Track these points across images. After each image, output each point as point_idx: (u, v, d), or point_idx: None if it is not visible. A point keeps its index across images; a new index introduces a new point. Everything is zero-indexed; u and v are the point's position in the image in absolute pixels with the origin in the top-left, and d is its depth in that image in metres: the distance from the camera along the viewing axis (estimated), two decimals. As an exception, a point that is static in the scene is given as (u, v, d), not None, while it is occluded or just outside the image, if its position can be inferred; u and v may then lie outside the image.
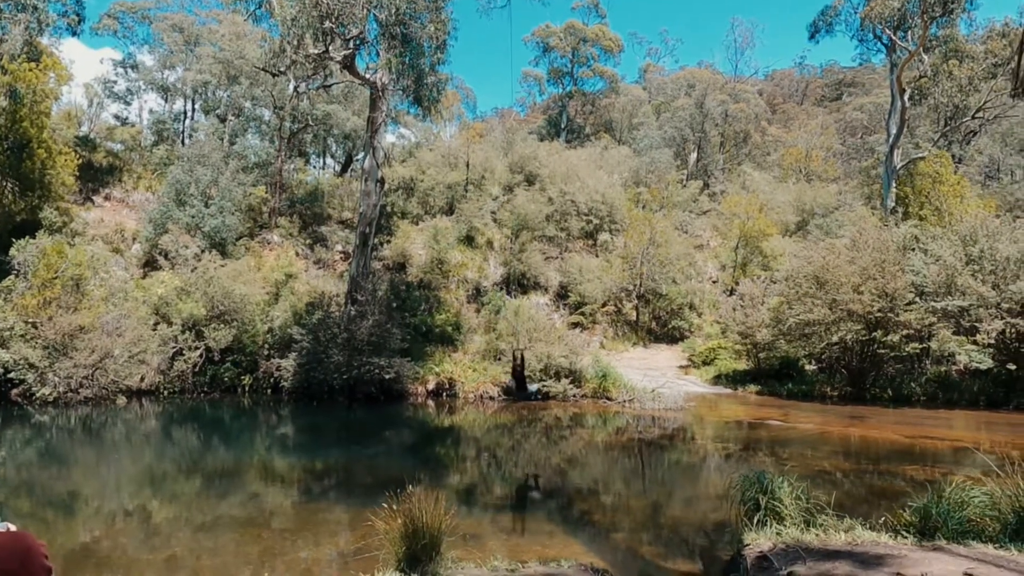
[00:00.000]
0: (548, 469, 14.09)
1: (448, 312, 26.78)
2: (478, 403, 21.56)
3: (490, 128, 49.56)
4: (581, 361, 22.65)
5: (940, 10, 28.51)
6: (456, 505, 9.66)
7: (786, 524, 7.40)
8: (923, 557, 5.86)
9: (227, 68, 32.41)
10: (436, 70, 20.68)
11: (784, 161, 46.70)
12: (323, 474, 13.21)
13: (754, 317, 25.03)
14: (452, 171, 35.95)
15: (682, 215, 38.70)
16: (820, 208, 37.37)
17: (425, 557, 6.04)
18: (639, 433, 18.03)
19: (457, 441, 17.21)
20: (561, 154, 39.30)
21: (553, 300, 31.74)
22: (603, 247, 34.84)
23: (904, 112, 32.73)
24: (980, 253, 21.33)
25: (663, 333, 31.75)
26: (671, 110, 50.19)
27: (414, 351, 22.87)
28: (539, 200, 34.22)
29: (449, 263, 30.13)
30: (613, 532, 9.52)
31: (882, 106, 46.26)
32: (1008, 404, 20.64)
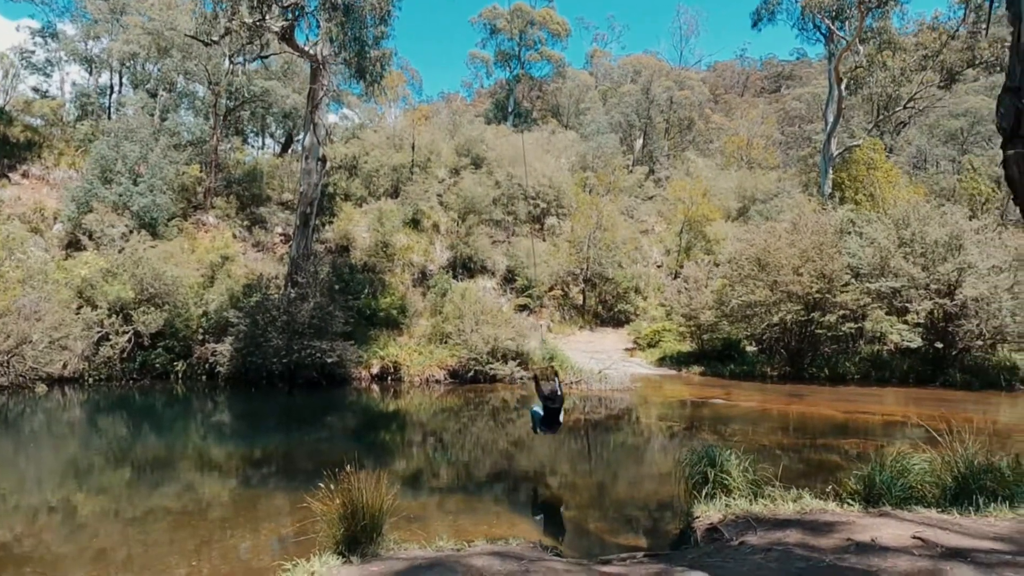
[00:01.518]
0: (495, 452, 13.87)
1: (393, 295, 26.19)
2: (424, 387, 21.16)
3: (436, 111, 48.76)
4: (528, 344, 22.51)
5: (876, 1, 29.38)
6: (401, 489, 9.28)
7: (734, 496, 7.38)
8: (871, 523, 5.88)
9: (157, 39, 30.65)
10: (380, 45, 19.99)
11: (726, 149, 47.61)
12: (262, 461, 12.63)
13: (698, 299, 25.42)
14: (397, 153, 35.15)
15: (628, 200, 38.98)
16: (761, 194, 38.26)
17: (365, 539, 5.70)
18: (586, 414, 18.00)
19: (402, 426, 16.79)
20: (508, 138, 38.94)
21: (500, 284, 31.49)
22: (550, 231, 34.76)
23: (841, 101, 33.71)
24: (912, 236, 22.14)
25: (609, 316, 31.96)
26: (617, 96, 50.42)
27: (358, 335, 22.26)
28: (486, 183, 33.83)
29: (394, 246, 29.48)
30: (562, 511, 9.37)
31: (819, 96, 47.66)
32: (935, 381, 21.61)
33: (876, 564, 4.77)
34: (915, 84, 34.56)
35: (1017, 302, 20.86)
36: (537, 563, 5.22)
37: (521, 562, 5.21)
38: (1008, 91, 2.83)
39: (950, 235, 21.62)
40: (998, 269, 21.29)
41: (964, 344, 21.80)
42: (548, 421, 9.97)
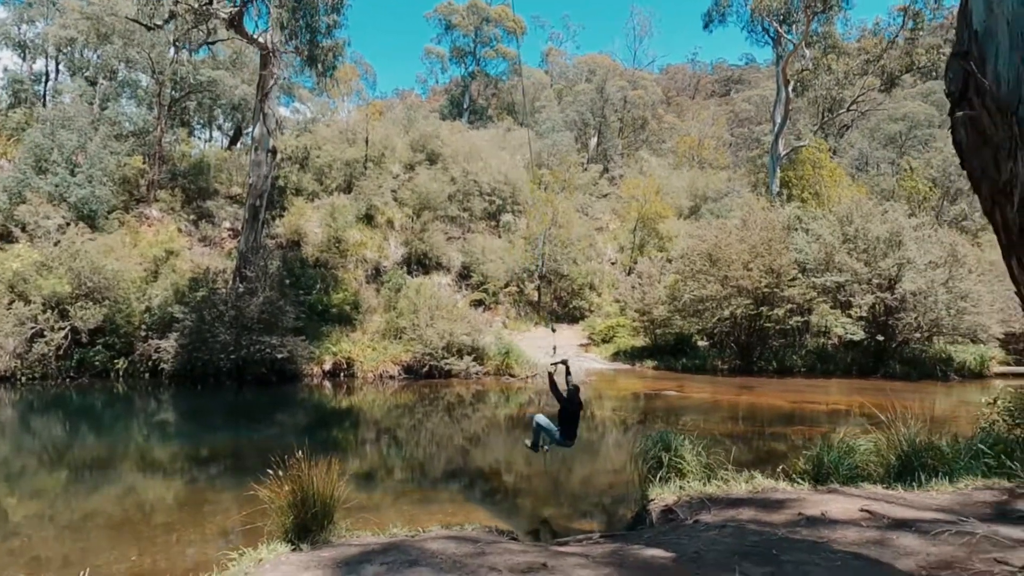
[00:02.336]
0: (451, 447, 13.73)
1: (346, 291, 25.73)
2: (378, 383, 20.84)
3: (391, 107, 48.19)
4: (484, 339, 22.41)
5: (821, 6, 30.37)
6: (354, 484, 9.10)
7: (689, 479, 7.46)
8: (821, 499, 6.00)
9: (96, 24, 29.36)
10: (332, 34, 19.59)
11: (679, 148, 48.45)
12: (209, 460, 12.20)
13: (651, 295, 25.76)
14: (350, 147, 34.56)
15: (583, 198, 39.26)
16: (712, 193, 39.05)
17: (316, 527, 5.52)
18: (542, 406, 17.99)
19: (356, 422, 16.48)
20: (464, 134, 38.78)
21: (455, 280, 31.30)
22: (506, 228, 34.72)
23: (788, 103, 34.68)
24: (855, 233, 22.90)
25: (564, 313, 32.09)
26: (572, 94, 50.77)
27: (309, 330, 21.76)
28: (441, 179, 33.57)
29: (347, 242, 28.96)
30: (518, 500, 9.33)
31: (767, 99, 48.93)
32: (877, 372, 22.42)
33: (826, 535, 4.85)
34: (857, 88, 35.86)
35: (951, 296, 21.79)
36: (493, 545, 5.14)
37: (477, 544, 5.12)
38: (956, 56, 2.87)
39: (891, 232, 22.44)
40: (934, 264, 22.21)
41: (903, 337, 22.66)
42: (567, 431, 8.31)
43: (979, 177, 2.82)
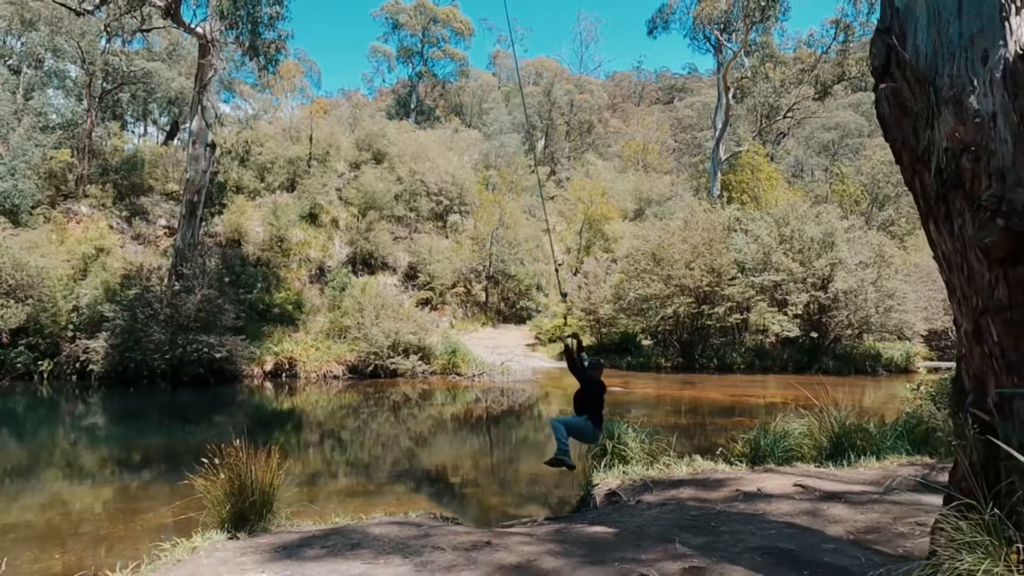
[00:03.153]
0: (397, 446, 13.55)
1: (289, 291, 25.14)
2: (321, 383, 20.43)
3: (336, 105, 47.43)
4: (430, 338, 22.25)
5: (759, 16, 31.48)
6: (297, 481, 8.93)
7: (632, 464, 7.61)
8: (757, 477, 6.19)
9: (20, 11, 27.89)
10: (275, 26, 19.13)
11: (624, 152, 49.32)
12: (142, 462, 11.68)
13: (597, 294, 26.12)
14: (294, 145, 33.84)
15: (530, 199, 39.48)
16: (656, 196, 39.88)
17: (254, 515, 5.35)
18: (489, 404, 18.01)
19: (299, 423, 16.08)
20: (411, 134, 38.47)
21: (402, 281, 31.00)
22: (453, 228, 34.60)
23: (728, 109, 35.77)
24: (791, 234, 23.76)
25: (512, 313, 32.18)
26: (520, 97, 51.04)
27: (250, 330, 21.16)
28: (388, 179, 33.21)
29: (290, 241, 28.33)
30: (465, 492, 9.29)
31: (709, 106, 50.30)
32: (812, 368, 23.30)
33: (762, 508, 5.01)
34: (793, 96, 37.31)
35: (879, 295, 22.86)
36: (437, 528, 5.09)
37: (421, 528, 5.07)
38: (880, 32, 3.00)
39: (824, 233, 23.39)
40: (864, 265, 23.26)
41: (836, 334, 23.63)
42: (595, 419, 7.06)
43: (900, 147, 2.96)
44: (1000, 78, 2.43)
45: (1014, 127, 2.40)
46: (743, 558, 3.82)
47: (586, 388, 7.21)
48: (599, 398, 7.21)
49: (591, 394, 7.19)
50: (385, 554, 4.29)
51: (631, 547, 4.17)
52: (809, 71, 34.58)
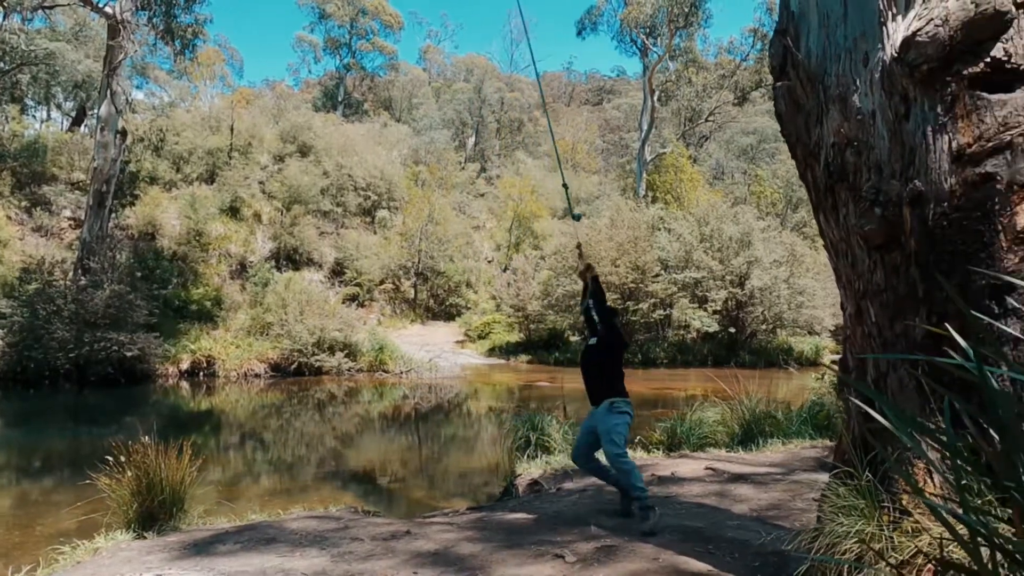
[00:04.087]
0: (322, 444, 13.28)
1: (207, 287, 24.16)
2: (241, 382, 19.75)
3: (259, 95, 45.86)
4: (357, 335, 21.89)
5: (683, 22, 32.53)
6: (216, 484, 8.68)
7: (555, 455, 7.76)
8: (672, 463, 6.44)
9: (-97, -19, 25.55)
10: (192, 8, 18.29)
11: (554, 152, 49.88)
12: (42, 467, 11.00)
13: (526, 291, 26.35)
14: (214, 136, 32.49)
15: (460, 196, 39.41)
16: (584, 195, 40.53)
17: (164, 514, 5.14)
18: (417, 401, 17.90)
19: (218, 423, 15.50)
20: (338, 127, 37.66)
21: (328, 277, 30.33)
22: (381, 224, 34.12)
23: (654, 111, 36.79)
24: (711, 233, 24.69)
25: (441, 310, 32.03)
26: (451, 93, 50.83)
27: (165, 328, 20.21)
28: (313, 172, 32.39)
29: (209, 235, 27.21)
30: (390, 487, 9.22)
31: (636, 108, 51.50)
32: (730, 361, 24.29)
33: (675, 491, 5.22)
34: (715, 101, 38.76)
35: (792, 291, 24.08)
36: (357, 521, 5.05)
37: (340, 521, 5.01)
38: (777, 34, 3.17)
39: (742, 232, 24.43)
40: (778, 263, 24.44)
41: (751, 329, 24.74)
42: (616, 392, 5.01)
43: (794, 142, 3.16)
44: (879, 79, 2.63)
45: (890, 124, 2.60)
46: (654, 537, 3.97)
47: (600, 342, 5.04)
48: (608, 356, 5.05)
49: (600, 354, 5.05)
50: (302, 547, 4.21)
51: (548, 531, 4.26)
52: (729, 77, 36.08)
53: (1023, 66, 2.38)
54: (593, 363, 5.21)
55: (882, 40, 2.64)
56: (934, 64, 2.45)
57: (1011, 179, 2.28)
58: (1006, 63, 2.38)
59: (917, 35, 2.47)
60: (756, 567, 3.35)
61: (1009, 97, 2.37)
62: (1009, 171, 2.29)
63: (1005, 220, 2.26)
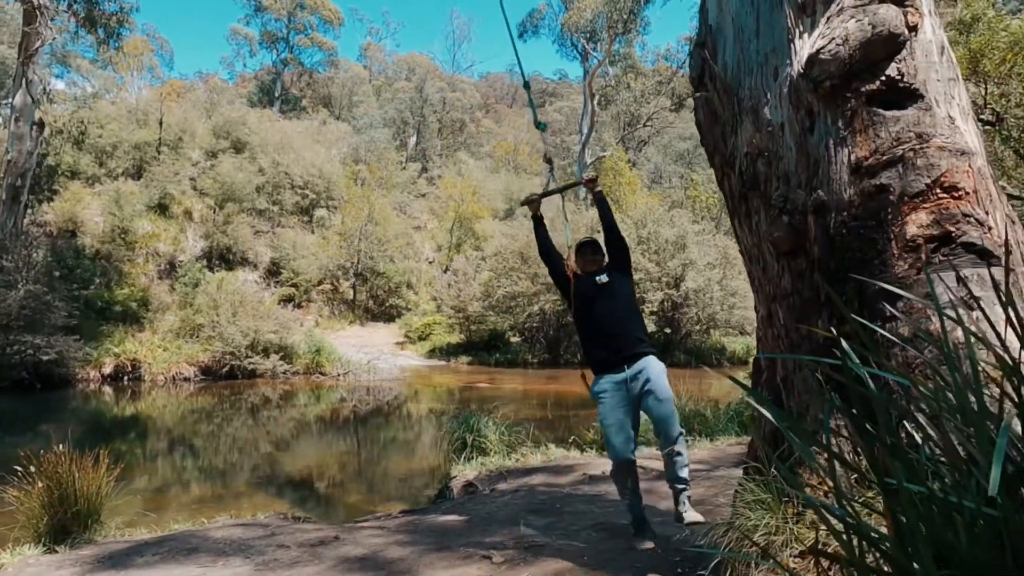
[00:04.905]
0: (256, 449, 12.92)
1: (133, 287, 23.14)
2: (169, 386, 19.02)
3: (191, 88, 44.20)
4: (293, 337, 21.39)
5: (622, 28, 33.19)
6: (140, 494, 8.36)
7: (491, 456, 7.80)
8: (603, 462, 6.53)
9: None
10: (117, -3, 17.45)
11: (496, 153, 50.03)
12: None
13: (466, 292, 26.31)
14: (141, 129, 31.15)
15: (401, 196, 39.04)
16: (523, 197, 40.81)
17: (78, 527, 4.90)
18: (355, 404, 17.63)
19: (143, 429, 14.86)
20: (275, 123, 36.69)
21: (264, 277, 29.52)
22: (319, 223, 33.44)
23: (593, 115, 37.36)
24: (648, 235, 25.24)
25: (380, 311, 31.63)
26: (392, 92, 50.27)
27: (86, 330, 19.26)
28: (248, 169, 31.45)
29: (136, 233, 26.07)
30: (324, 492, 9.06)
31: (577, 111, 52.24)
32: (666, 361, 24.64)
33: (604, 489, 5.32)
34: (653, 106, 39.68)
35: (724, 293, 24.87)
36: (285, 528, 4.94)
37: (267, 528, 4.89)
38: (697, 46, 3.29)
39: (677, 235, 25.07)
40: (712, 265, 25.19)
41: (687, 329, 25.42)
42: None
43: (712, 151, 3.28)
44: (787, 93, 2.76)
45: (796, 136, 2.74)
46: (581, 534, 4.05)
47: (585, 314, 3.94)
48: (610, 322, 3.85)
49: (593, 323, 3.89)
50: (225, 556, 4.10)
51: (479, 532, 4.28)
52: (667, 83, 37.04)
53: (914, 85, 2.54)
54: (619, 303, 3.90)
55: (790, 56, 2.78)
56: (836, 81, 2.59)
57: (902, 190, 2.43)
58: (899, 82, 2.54)
59: (820, 53, 2.61)
60: (677, 562, 3.46)
61: (902, 114, 2.53)
62: (901, 183, 2.44)
63: (897, 229, 2.41)
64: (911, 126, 2.49)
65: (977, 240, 2.33)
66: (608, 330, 3.98)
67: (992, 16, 9.69)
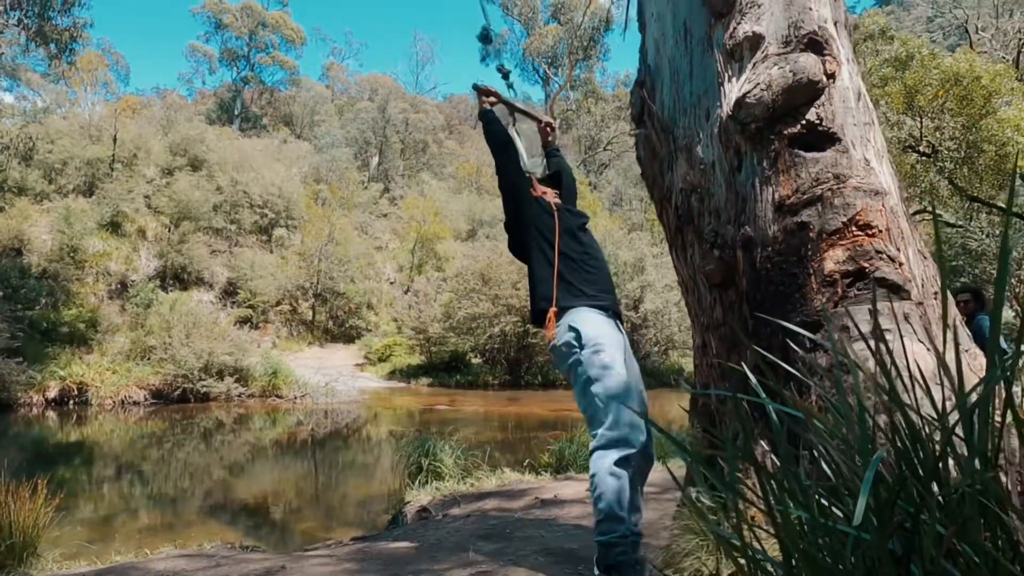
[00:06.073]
0: (208, 475, 12.60)
1: (82, 307, 22.45)
2: (118, 411, 18.43)
3: (148, 104, 43.43)
4: (249, 359, 20.99)
5: (582, 54, 33.94)
6: (82, 524, 8.07)
7: (446, 480, 7.78)
8: (557, 485, 6.61)
9: None
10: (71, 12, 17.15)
11: (459, 173, 50.24)
12: None
13: (427, 313, 26.24)
14: (94, 145, 30.45)
15: (363, 216, 38.87)
16: (488, 218, 40.98)
17: (12, 560, 4.73)
18: (311, 427, 17.35)
19: (89, 456, 14.34)
20: (234, 141, 36.29)
21: (220, 297, 28.98)
22: (279, 243, 33.04)
23: (555, 139, 37.91)
24: (607, 257, 25.58)
25: (340, 332, 31.30)
26: (354, 111, 50.20)
27: (30, 352, 18.58)
28: (206, 187, 30.97)
29: (86, 251, 25.33)
30: (277, 519, 8.89)
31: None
32: (628, 383, 25.24)
33: (556, 513, 5.37)
34: (613, 130, 40.53)
35: (682, 314, 25.32)
36: (231, 558, 4.84)
37: (213, 559, 4.79)
38: (637, 84, 3.44)
39: (636, 258, 25.53)
40: (670, 287, 25.65)
41: (645, 351, 25.76)
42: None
43: (651, 185, 3.42)
44: (717, 133, 2.91)
45: (726, 174, 2.88)
46: (528, 560, 4.08)
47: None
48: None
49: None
50: (166, 589, 4.01)
51: (427, 559, 4.28)
52: (626, 108, 37.96)
53: (832, 129, 2.71)
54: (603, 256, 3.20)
55: (720, 99, 2.94)
56: (760, 123, 2.75)
57: (821, 228, 2.59)
58: (818, 126, 2.71)
59: (747, 97, 2.76)
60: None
61: (821, 155, 2.69)
62: (820, 221, 2.60)
63: (816, 265, 2.56)
64: (829, 167, 2.66)
65: (889, 275, 2.48)
66: (606, 274, 3.11)
67: (926, 54, 10.26)
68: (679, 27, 3.18)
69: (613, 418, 2.71)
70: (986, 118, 10.37)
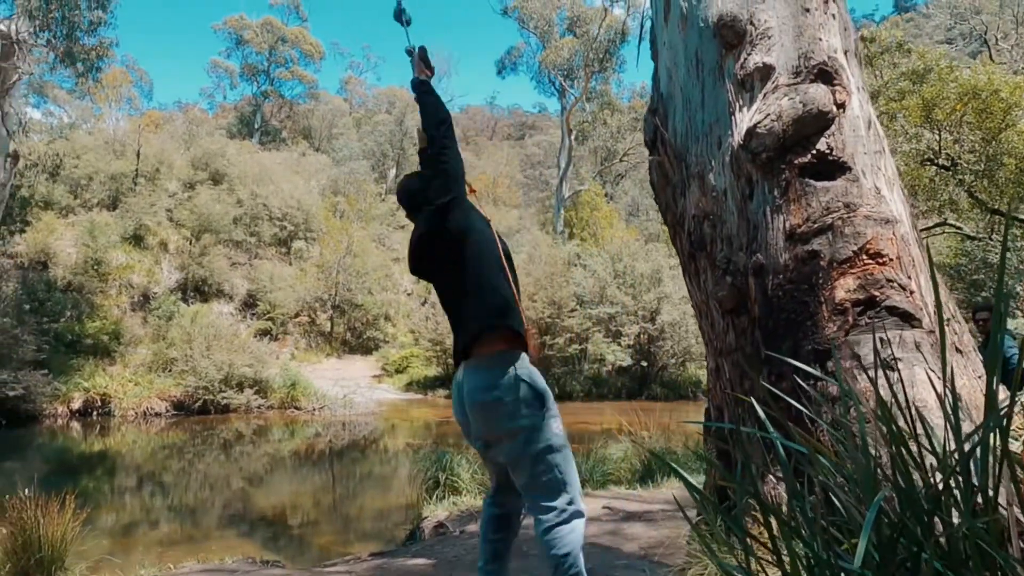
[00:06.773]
0: (228, 486, 12.75)
1: (105, 319, 22.82)
2: (140, 422, 18.71)
3: (170, 119, 44.27)
4: (268, 370, 21.22)
5: (598, 66, 34.08)
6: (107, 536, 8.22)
7: (463, 495, 7.82)
8: (573, 501, 6.65)
9: None
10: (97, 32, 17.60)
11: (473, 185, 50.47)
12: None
13: (444, 324, 26.35)
14: (118, 160, 31.04)
15: (380, 228, 39.16)
16: (504, 229, 41.17)
17: (42, 573, 4.86)
18: (329, 439, 17.48)
19: (112, 467, 14.58)
20: (254, 155, 36.81)
21: (240, 309, 29.29)
22: (297, 255, 33.38)
23: (571, 150, 38.07)
24: (624, 269, 25.65)
25: (358, 344, 31.49)
26: (372, 124, 50.73)
27: (55, 364, 18.95)
28: (226, 201, 31.41)
29: (109, 264, 25.77)
30: (296, 532, 8.98)
31: (555, 145, 53.12)
32: (642, 395, 25.10)
33: (572, 530, 5.40)
34: (628, 141, 40.59)
35: (699, 326, 25.27)
36: (253, 573, 4.94)
37: (235, 574, 4.89)
38: (650, 112, 3.50)
39: (653, 269, 25.50)
40: (686, 299, 25.57)
41: (662, 362, 25.67)
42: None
43: (664, 210, 3.48)
44: (728, 161, 2.97)
45: (738, 202, 2.93)
46: None
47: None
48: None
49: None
50: (190, 604, 4.10)
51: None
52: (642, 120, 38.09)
53: (842, 158, 2.76)
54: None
55: (731, 128, 2.99)
56: (771, 153, 2.80)
57: (832, 257, 2.63)
58: (829, 155, 2.76)
59: (758, 127, 2.82)
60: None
61: (831, 184, 2.74)
62: (831, 249, 2.64)
63: (827, 293, 2.60)
64: (840, 196, 2.70)
65: (900, 304, 2.52)
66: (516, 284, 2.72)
67: (944, 67, 10.21)
68: (691, 56, 3.25)
69: (577, 490, 2.62)
70: (1006, 131, 10.29)
